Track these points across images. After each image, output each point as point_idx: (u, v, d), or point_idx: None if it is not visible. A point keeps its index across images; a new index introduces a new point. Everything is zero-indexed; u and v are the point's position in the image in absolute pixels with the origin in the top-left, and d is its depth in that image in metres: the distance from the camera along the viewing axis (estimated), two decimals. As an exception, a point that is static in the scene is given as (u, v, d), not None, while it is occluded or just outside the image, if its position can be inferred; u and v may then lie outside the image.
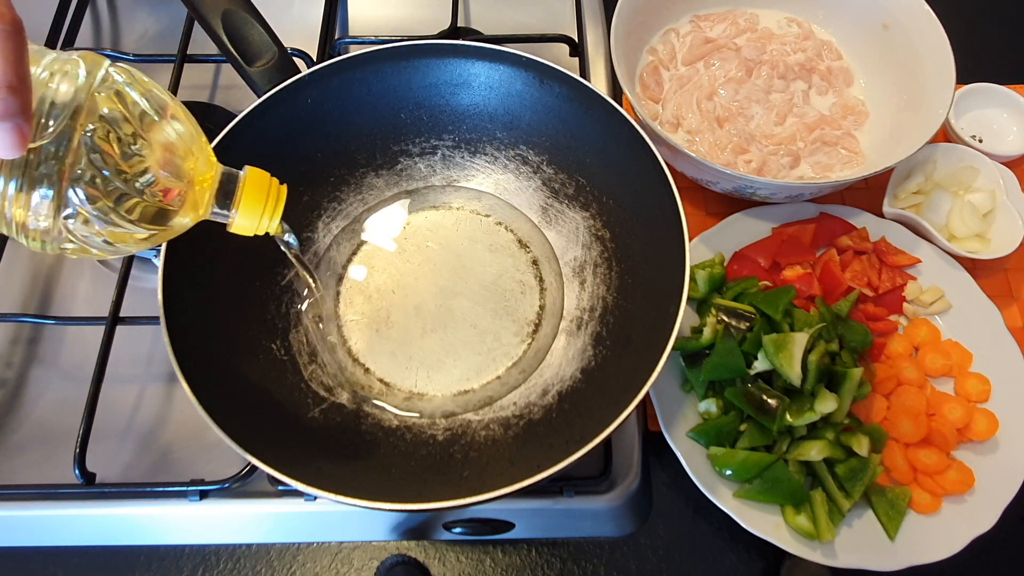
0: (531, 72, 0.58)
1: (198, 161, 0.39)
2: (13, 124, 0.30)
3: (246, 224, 0.42)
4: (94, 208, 0.34)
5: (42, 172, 0.33)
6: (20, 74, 0.30)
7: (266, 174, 0.42)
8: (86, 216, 0.35)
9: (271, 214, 0.42)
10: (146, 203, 0.36)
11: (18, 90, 0.30)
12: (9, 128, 0.30)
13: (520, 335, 0.58)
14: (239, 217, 0.41)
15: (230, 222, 0.42)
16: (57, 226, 0.34)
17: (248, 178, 0.41)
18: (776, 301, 0.58)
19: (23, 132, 0.30)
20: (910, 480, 0.56)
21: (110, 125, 0.34)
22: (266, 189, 0.42)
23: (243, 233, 0.43)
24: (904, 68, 0.68)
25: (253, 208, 0.41)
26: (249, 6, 0.56)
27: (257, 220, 0.42)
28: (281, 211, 0.43)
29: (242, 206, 0.41)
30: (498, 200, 0.64)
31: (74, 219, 0.34)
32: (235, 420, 0.44)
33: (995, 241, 0.65)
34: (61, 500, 0.56)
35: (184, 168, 0.38)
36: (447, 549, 0.58)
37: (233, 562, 0.57)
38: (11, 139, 0.30)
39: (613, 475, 0.57)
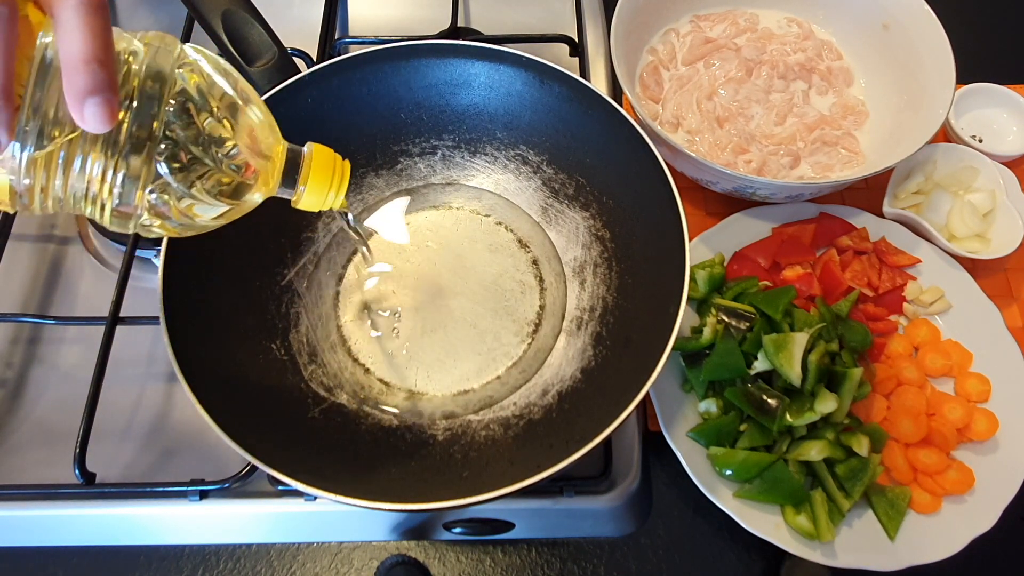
0: (531, 72, 0.58)
1: (270, 136, 0.39)
2: (103, 98, 0.29)
3: (313, 200, 0.42)
4: (177, 182, 0.35)
5: (128, 146, 0.33)
6: (107, 47, 0.30)
7: (330, 150, 0.42)
8: (169, 190, 0.35)
9: (337, 190, 0.42)
10: (225, 177, 0.37)
11: (105, 63, 0.30)
12: (99, 102, 0.29)
13: (520, 335, 0.58)
14: (307, 193, 0.41)
15: (296, 198, 0.42)
16: (141, 201, 0.35)
17: (315, 154, 0.42)
18: (776, 301, 0.58)
19: (112, 106, 0.30)
20: (910, 480, 0.56)
21: (192, 100, 0.35)
22: (332, 165, 0.42)
23: (309, 209, 0.43)
24: (904, 68, 0.68)
25: (320, 184, 0.41)
26: (249, 6, 0.56)
27: (324, 196, 0.42)
28: (346, 187, 0.43)
29: (310, 182, 0.41)
30: (498, 200, 0.64)
31: (157, 193, 0.35)
32: (235, 420, 0.44)
33: (995, 241, 0.65)
34: (61, 500, 0.56)
35: (260, 143, 0.38)
36: (447, 549, 0.58)
37: (233, 562, 0.57)
38: (102, 113, 0.30)
39: (613, 475, 0.57)
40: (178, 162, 0.34)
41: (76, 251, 0.68)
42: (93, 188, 0.34)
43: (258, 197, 0.40)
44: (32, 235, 0.69)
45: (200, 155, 0.35)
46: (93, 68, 0.29)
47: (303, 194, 0.41)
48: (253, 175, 0.38)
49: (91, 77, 0.29)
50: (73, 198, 0.34)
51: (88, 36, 0.29)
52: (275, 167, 0.40)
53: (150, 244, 0.64)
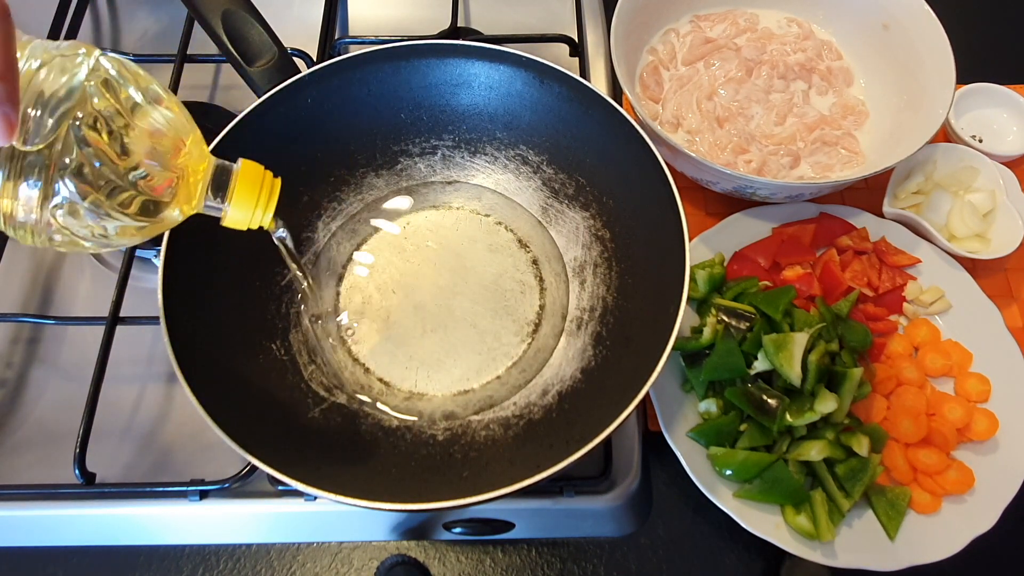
0: (531, 72, 0.58)
1: (191, 153, 0.38)
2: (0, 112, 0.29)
3: (239, 217, 0.41)
4: (84, 200, 0.34)
5: (30, 162, 0.32)
6: (7, 60, 0.29)
7: (260, 167, 0.42)
8: (76, 208, 0.34)
9: (264, 207, 0.41)
10: (137, 195, 0.36)
11: (5, 77, 0.29)
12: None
13: (520, 335, 0.58)
14: (232, 210, 0.41)
15: (223, 215, 0.41)
16: (46, 217, 0.34)
17: (241, 171, 0.41)
18: (776, 301, 0.58)
19: (11, 121, 0.29)
20: (910, 480, 0.56)
21: (100, 115, 0.34)
22: (259, 182, 0.41)
23: (236, 227, 0.42)
24: (904, 68, 0.68)
25: (246, 201, 0.41)
26: (249, 6, 0.56)
27: (250, 213, 0.41)
28: (275, 204, 0.42)
29: (235, 199, 0.40)
30: (498, 200, 0.64)
31: (63, 210, 0.34)
32: (235, 420, 0.44)
33: (995, 241, 0.65)
34: (61, 500, 0.56)
35: (176, 160, 0.37)
36: (447, 549, 0.58)
37: (233, 562, 0.57)
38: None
39: (613, 475, 0.57)
40: (83, 179, 0.33)
41: (76, 251, 0.68)
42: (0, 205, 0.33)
43: (179, 214, 0.39)
44: (32, 235, 0.69)
45: (108, 173, 0.34)
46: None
47: (228, 211, 0.41)
48: (168, 192, 0.37)
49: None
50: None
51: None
52: (199, 183, 0.39)
53: (150, 244, 0.64)
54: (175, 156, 0.37)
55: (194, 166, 0.38)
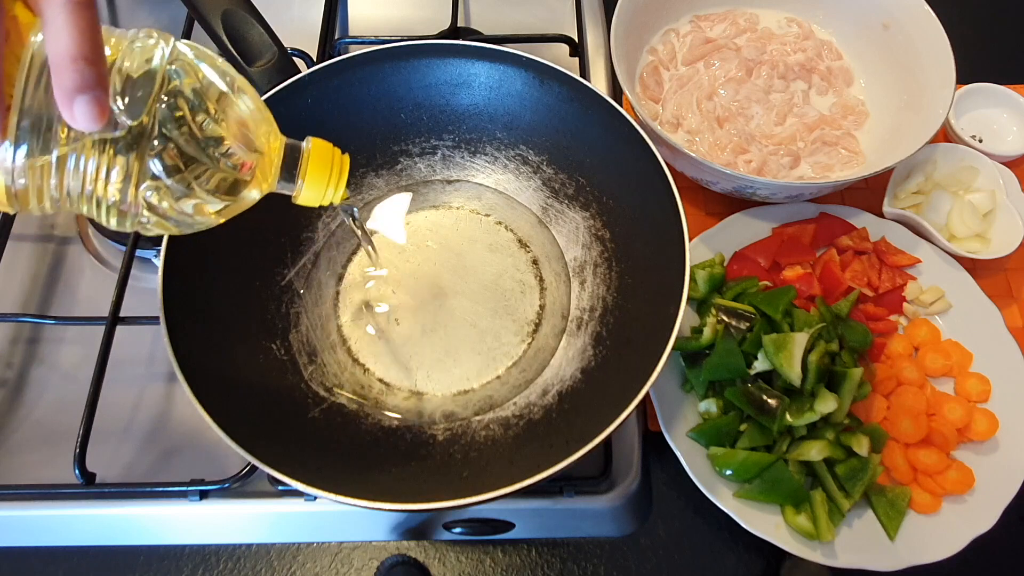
0: (531, 72, 0.58)
1: (267, 133, 0.39)
2: (92, 96, 0.29)
3: (312, 195, 0.42)
4: (172, 180, 0.35)
5: (121, 145, 0.33)
6: (95, 45, 0.30)
7: (329, 145, 0.42)
8: (165, 187, 0.35)
9: (336, 184, 0.42)
10: (221, 174, 0.36)
11: (94, 61, 0.29)
12: (88, 100, 0.29)
13: (520, 335, 0.58)
14: (305, 188, 0.41)
15: (296, 193, 0.42)
16: (137, 199, 0.34)
17: (313, 149, 0.41)
18: (776, 301, 0.58)
19: (102, 104, 0.30)
20: (910, 480, 0.56)
21: (184, 97, 0.35)
22: (330, 160, 0.42)
23: (309, 204, 0.43)
24: (904, 68, 0.68)
25: (319, 179, 0.41)
26: (249, 6, 0.56)
27: (323, 190, 0.42)
28: (345, 180, 0.43)
29: (308, 177, 0.41)
30: (498, 199, 0.64)
31: (153, 191, 0.35)
32: (235, 420, 0.44)
33: (995, 241, 0.65)
34: (61, 500, 0.56)
35: (256, 139, 0.38)
36: (447, 549, 0.58)
37: (233, 562, 0.57)
38: (91, 111, 0.29)
39: (613, 475, 0.57)
40: (172, 159, 0.34)
41: (76, 251, 0.68)
42: (88, 187, 0.33)
43: (256, 193, 0.40)
44: (32, 235, 0.69)
45: (194, 152, 0.35)
46: (81, 66, 0.29)
47: (302, 189, 0.41)
48: (249, 171, 0.38)
49: (79, 75, 0.29)
50: (70, 198, 0.34)
51: (76, 34, 0.29)
52: (273, 163, 0.40)
53: (150, 244, 0.64)
54: (255, 135, 0.38)
55: (270, 145, 0.39)
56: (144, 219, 0.36)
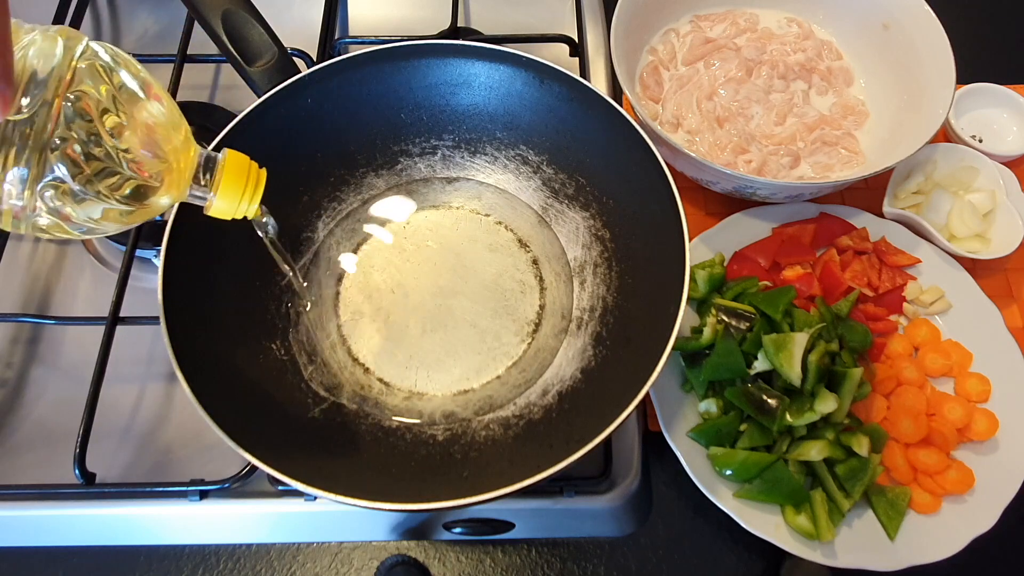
0: (531, 72, 0.58)
1: (179, 141, 0.38)
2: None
3: (224, 207, 0.41)
4: (74, 180, 0.34)
5: (20, 142, 0.32)
6: (3, 38, 0.30)
7: (245, 157, 0.42)
8: (65, 188, 0.34)
9: (250, 198, 0.42)
10: (126, 179, 0.36)
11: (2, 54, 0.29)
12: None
13: (520, 335, 0.58)
14: (217, 199, 0.41)
15: (208, 204, 0.41)
16: (34, 200, 0.34)
17: (227, 161, 0.41)
18: (776, 301, 0.58)
19: (6, 96, 0.30)
20: (910, 480, 0.56)
21: (92, 97, 0.34)
22: (245, 172, 0.41)
23: (221, 216, 0.42)
24: (904, 68, 0.68)
25: (232, 191, 0.41)
26: (249, 6, 0.56)
27: (236, 203, 0.41)
28: (260, 195, 0.42)
29: (221, 188, 0.40)
30: (498, 199, 0.64)
31: (52, 191, 0.34)
32: (235, 420, 0.44)
33: (995, 241, 0.65)
34: (61, 500, 0.56)
35: (164, 146, 0.37)
36: (447, 549, 0.58)
37: (233, 562, 0.57)
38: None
39: (613, 475, 0.57)
40: (74, 159, 0.33)
41: (76, 251, 0.68)
42: None
43: (166, 200, 0.39)
44: (32, 235, 0.69)
45: (96, 153, 0.34)
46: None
47: (213, 200, 0.41)
48: (156, 177, 0.37)
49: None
50: None
51: None
52: (185, 172, 0.39)
53: (150, 244, 0.64)
54: (164, 142, 0.37)
55: (182, 154, 0.39)
56: (43, 222, 0.35)
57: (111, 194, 0.36)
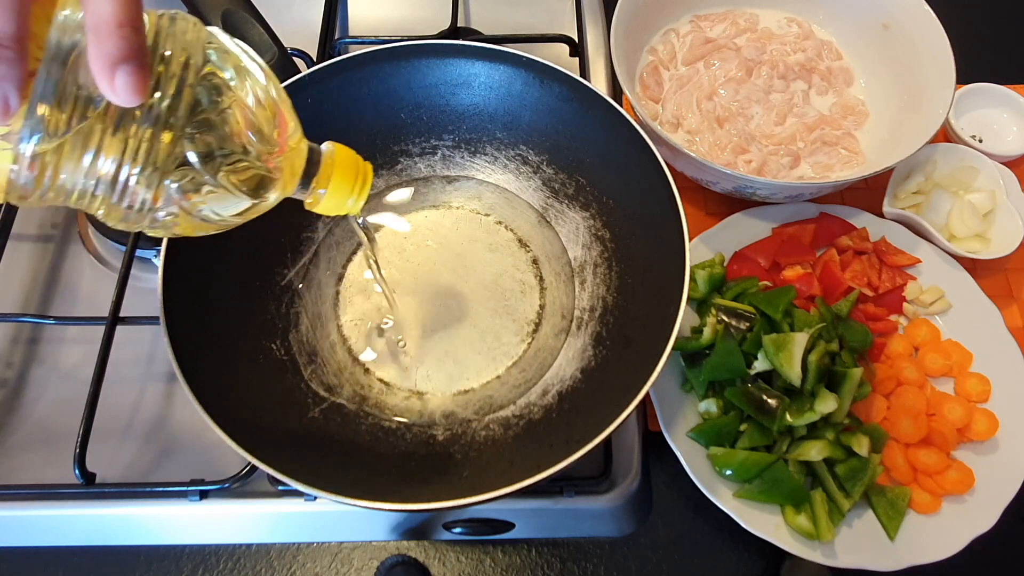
0: (531, 72, 0.58)
1: (295, 133, 0.36)
2: (136, 65, 0.26)
3: (332, 203, 0.39)
4: (203, 168, 0.31)
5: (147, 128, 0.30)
6: (139, 13, 0.27)
7: (353, 152, 0.40)
8: (193, 179, 0.32)
9: (358, 194, 0.40)
10: (252, 168, 0.34)
11: (138, 29, 0.27)
12: (131, 70, 0.26)
13: (520, 334, 0.58)
14: (328, 196, 0.39)
15: (314, 200, 0.39)
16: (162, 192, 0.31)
17: (338, 156, 0.39)
18: (776, 301, 0.58)
19: (145, 75, 0.27)
20: (910, 480, 0.56)
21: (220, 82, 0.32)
22: (355, 167, 0.39)
23: (324, 212, 0.40)
24: (904, 68, 0.68)
25: (343, 187, 0.39)
26: (249, 6, 0.56)
27: (345, 200, 0.39)
28: (367, 191, 0.40)
29: (332, 185, 0.38)
30: (498, 199, 0.64)
31: (179, 183, 0.31)
32: (235, 420, 0.44)
33: (995, 241, 0.65)
34: (61, 500, 0.56)
35: (287, 134, 0.35)
36: (447, 549, 0.58)
37: (233, 562, 0.57)
38: (134, 82, 0.26)
39: (613, 475, 0.57)
40: (206, 148, 0.31)
41: (76, 251, 0.68)
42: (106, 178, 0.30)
43: (275, 195, 0.37)
44: (32, 235, 0.69)
45: (229, 141, 0.32)
46: (126, 32, 0.26)
47: (322, 196, 0.39)
48: (278, 169, 0.35)
49: (124, 42, 0.26)
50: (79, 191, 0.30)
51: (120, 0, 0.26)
52: (297, 163, 0.37)
53: (150, 244, 0.64)
54: (284, 132, 0.35)
55: (296, 145, 0.37)
56: (161, 215, 0.32)
57: (236, 185, 0.33)
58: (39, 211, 0.70)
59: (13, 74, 0.26)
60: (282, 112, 0.35)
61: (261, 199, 0.36)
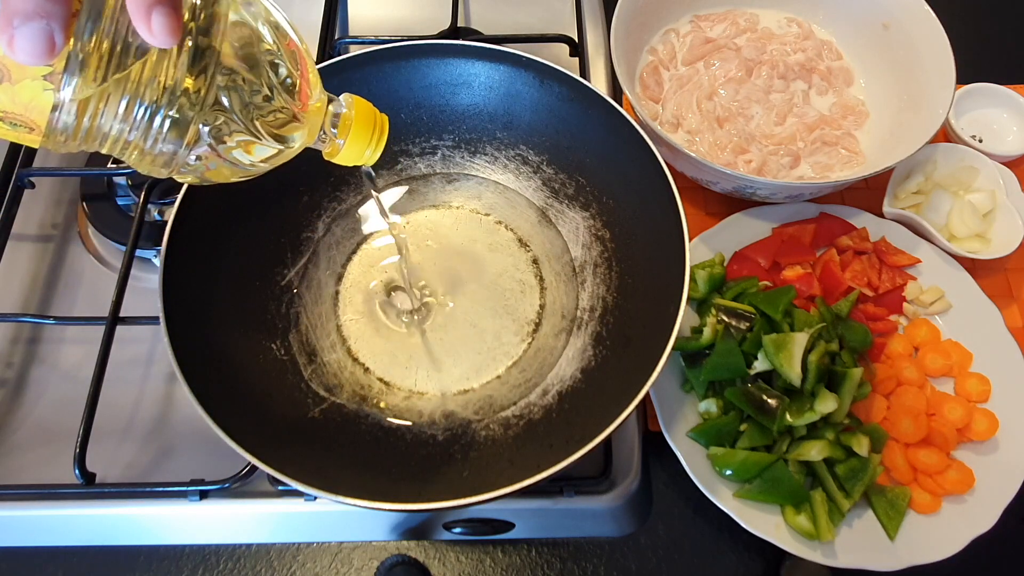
0: (531, 72, 0.58)
1: (316, 77, 0.38)
2: (169, 7, 0.27)
3: (351, 153, 0.41)
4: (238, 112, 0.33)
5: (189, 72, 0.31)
6: None
7: (370, 104, 0.41)
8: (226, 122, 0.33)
9: (375, 145, 0.41)
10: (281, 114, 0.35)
11: None
12: (166, 11, 0.27)
13: (520, 334, 0.58)
14: (347, 146, 0.40)
15: (332, 150, 0.41)
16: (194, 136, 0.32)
17: (357, 107, 0.40)
18: (776, 301, 0.58)
19: (179, 17, 0.28)
20: (910, 480, 0.56)
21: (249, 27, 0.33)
22: (372, 118, 0.41)
23: (342, 162, 0.42)
24: (904, 68, 0.68)
25: (361, 137, 0.40)
26: (249, 6, 0.56)
27: (363, 150, 0.41)
28: (384, 142, 0.42)
29: (351, 135, 0.40)
30: (498, 199, 0.64)
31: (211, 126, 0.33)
32: (235, 420, 0.44)
33: (995, 241, 0.65)
34: (61, 500, 0.56)
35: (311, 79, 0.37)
36: (447, 549, 0.58)
37: (233, 562, 0.57)
38: (168, 23, 0.27)
39: (613, 475, 0.57)
40: (238, 91, 0.33)
41: (76, 251, 0.68)
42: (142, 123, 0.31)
43: (300, 142, 0.38)
44: (32, 235, 0.69)
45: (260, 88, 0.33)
46: None
47: (341, 148, 0.40)
48: (304, 112, 0.37)
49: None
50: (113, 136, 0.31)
51: None
52: (320, 113, 0.39)
53: (150, 244, 0.64)
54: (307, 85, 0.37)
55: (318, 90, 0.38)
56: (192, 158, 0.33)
57: (267, 126, 0.35)
58: (39, 211, 0.70)
59: (58, 11, 0.26)
60: (306, 65, 0.37)
61: (287, 145, 0.37)
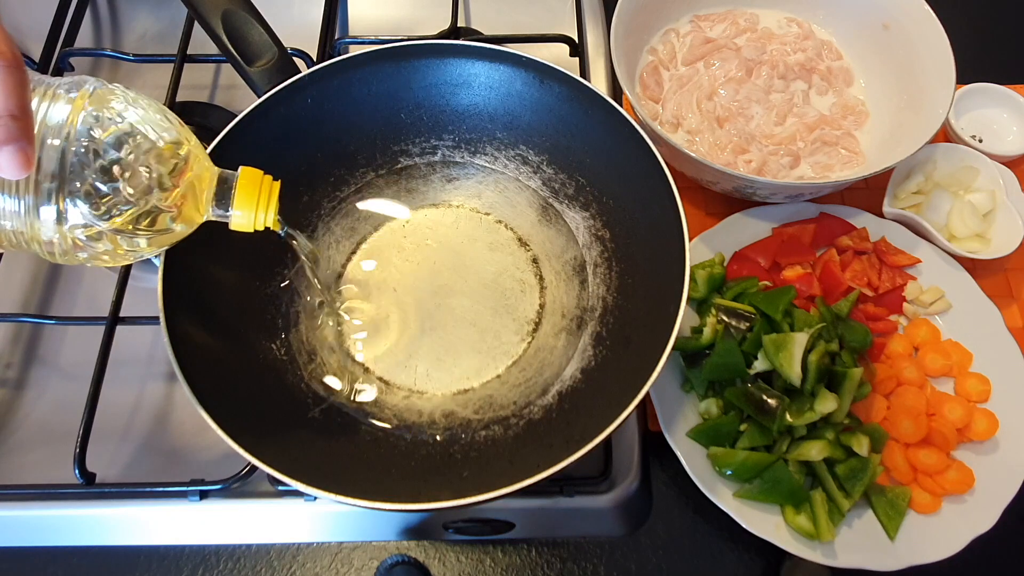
0: (531, 72, 0.58)
1: (196, 167, 0.41)
2: (17, 147, 0.33)
3: (243, 221, 0.44)
4: (97, 218, 0.38)
5: (46, 188, 0.36)
6: (22, 103, 0.34)
7: (259, 172, 0.44)
8: (91, 226, 0.38)
9: (265, 209, 0.44)
10: (146, 211, 0.39)
11: (20, 117, 0.34)
12: (14, 151, 0.33)
13: (520, 334, 0.58)
14: (235, 214, 0.44)
15: (230, 220, 0.44)
16: (67, 237, 0.38)
17: (240, 177, 0.44)
18: (776, 301, 0.58)
19: (27, 154, 0.34)
20: (910, 480, 0.56)
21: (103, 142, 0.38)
22: (258, 185, 0.44)
23: (242, 229, 0.45)
24: (904, 68, 0.68)
25: (247, 204, 0.44)
26: (249, 6, 0.56)
27: (252, 215, 0.44)
28: (275, 205, 0.45)
29: (236, 203, 0.43)
30: (498, 198, 0.64)
31: (81, 230, 0.38)
32: (235, 420, 0.44)
33: (995, 241, 0.65)
34: (61, 500, 0.56)
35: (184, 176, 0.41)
36: (447, 549, 0.58)
37: (233, 562, 0.57)
38: (17, 160, 0.33)
39: (613, 475, 0.57)
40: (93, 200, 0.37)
41: (76, 251, 0.68)
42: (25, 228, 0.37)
43: (184, 227, 0.42)
44: (32, 235, 0.69)
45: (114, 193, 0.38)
46: (6, 121, 0.33)
47: (232, 216, 0.44)
48: (176, 207, 0.41)
49: (5, 130, 0.33)
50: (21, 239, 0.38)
51: (4, 93, 0.33)
52: (204, 194, 0.42)
53: (150, 244, 0.64)
54: (182, 172, 0.41)
55: (200, 179, 0.42)
56: (80, 255, 0.39)
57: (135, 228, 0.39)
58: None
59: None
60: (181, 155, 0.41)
61: (168, 232, 0.41)
